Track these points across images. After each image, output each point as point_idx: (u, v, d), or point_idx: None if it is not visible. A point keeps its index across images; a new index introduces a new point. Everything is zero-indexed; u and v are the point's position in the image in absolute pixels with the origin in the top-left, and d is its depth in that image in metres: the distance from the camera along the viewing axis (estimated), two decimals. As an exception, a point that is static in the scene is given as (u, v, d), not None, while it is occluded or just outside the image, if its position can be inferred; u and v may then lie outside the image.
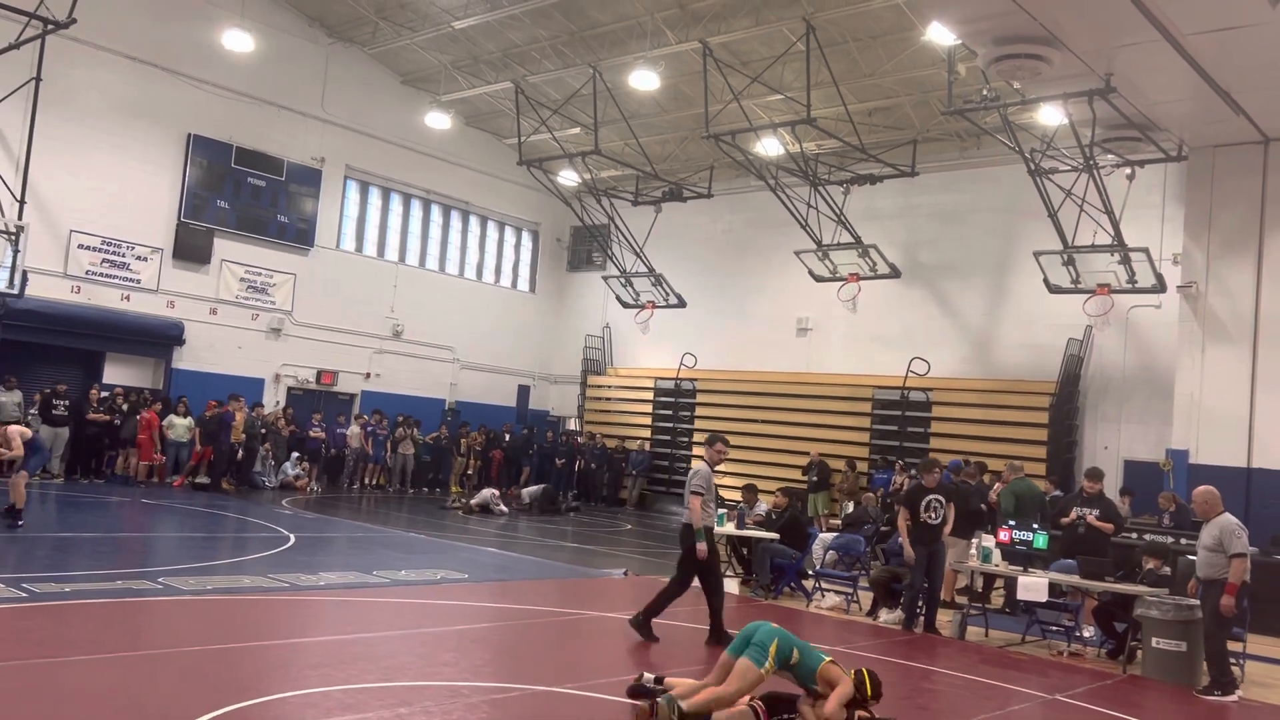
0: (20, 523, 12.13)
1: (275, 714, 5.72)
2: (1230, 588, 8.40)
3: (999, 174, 20.69)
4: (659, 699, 6.01)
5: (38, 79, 17.73)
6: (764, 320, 24.64)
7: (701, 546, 9.03)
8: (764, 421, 23.58)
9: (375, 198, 25.62)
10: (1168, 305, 17.86)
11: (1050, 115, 16.96)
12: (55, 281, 19.38)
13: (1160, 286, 17.33)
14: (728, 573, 12.50)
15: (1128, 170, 17.58)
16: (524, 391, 28.64)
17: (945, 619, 11.05)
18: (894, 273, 21.41)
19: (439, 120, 24.16)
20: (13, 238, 17.09)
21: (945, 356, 21.45)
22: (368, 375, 24.79)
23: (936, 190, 21.96)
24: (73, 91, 19.33)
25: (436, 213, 26.93)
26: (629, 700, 6.50)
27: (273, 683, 6.45)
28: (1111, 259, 17.23)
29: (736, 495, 14.77)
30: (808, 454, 21.35)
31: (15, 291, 17.57)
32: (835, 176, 21.53)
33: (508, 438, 25.67)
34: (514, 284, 28.98)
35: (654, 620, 9.00)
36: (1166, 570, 10.18)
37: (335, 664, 7.00)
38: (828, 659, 6.29)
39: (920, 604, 10.65)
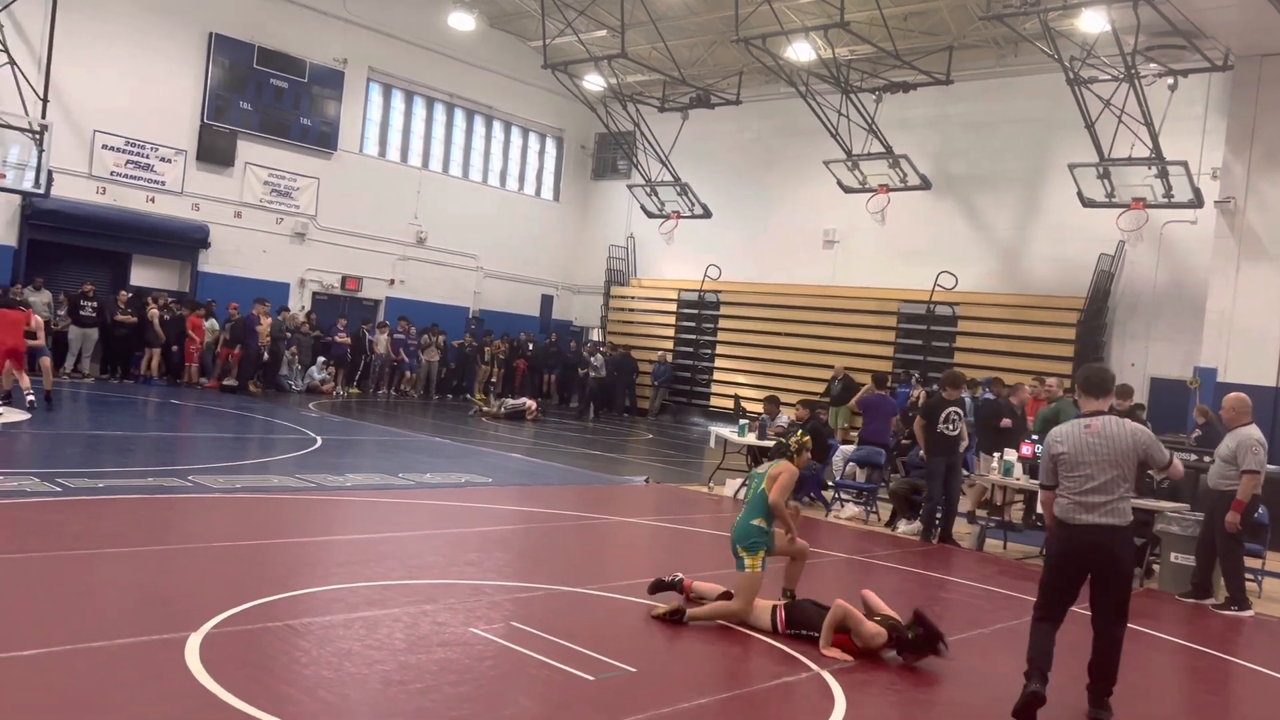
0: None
1: (304, 607, 5.86)
2: (1236, 504, 8.35)
3: (1036, 83, 20.12)
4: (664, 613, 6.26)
5: (57, -27, 17.45)
6: (790, 231, 24.36)
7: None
8: (788, 334, 23.50)
9: (398, 101, 25.28)
10: (1204, 221, 17.49)
11: (1092, 22, 16.40)
12: (80, 182, 19.37)
13: (1197, 201, 16.94)
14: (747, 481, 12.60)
15: (1170, 80, 17.06)
16: (547, 301, 28.63)
17: (964, 531, 11.13)
18: (924, 184, 21.04)
19: (462, 21, 23.67)
20: (37, 137, 17.02)
21: (973, 270, 21.19)
22: (392, 281, 24.82)
23: (971, 99, 21.39)
24: (92, -13, 19.03)
25: (460, 117, 26.58)
26: (650, 599, 6.62)
27: (300, 578, 6.59)
28: (1148, 172, 16.83)
29: (758, 407, 14.82)
30: (831, 367, 21.31)
31: (41, 191, 17.57)
32: (867, 84, 21.02)
33: (530, 347, 25.77)
34: (538, 192, 28.72)
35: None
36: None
37: (361, 562, 7.15)
38: (763, 479, 6.56)
39: (938, 516, 10.72)
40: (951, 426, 10.60)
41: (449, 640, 5.50)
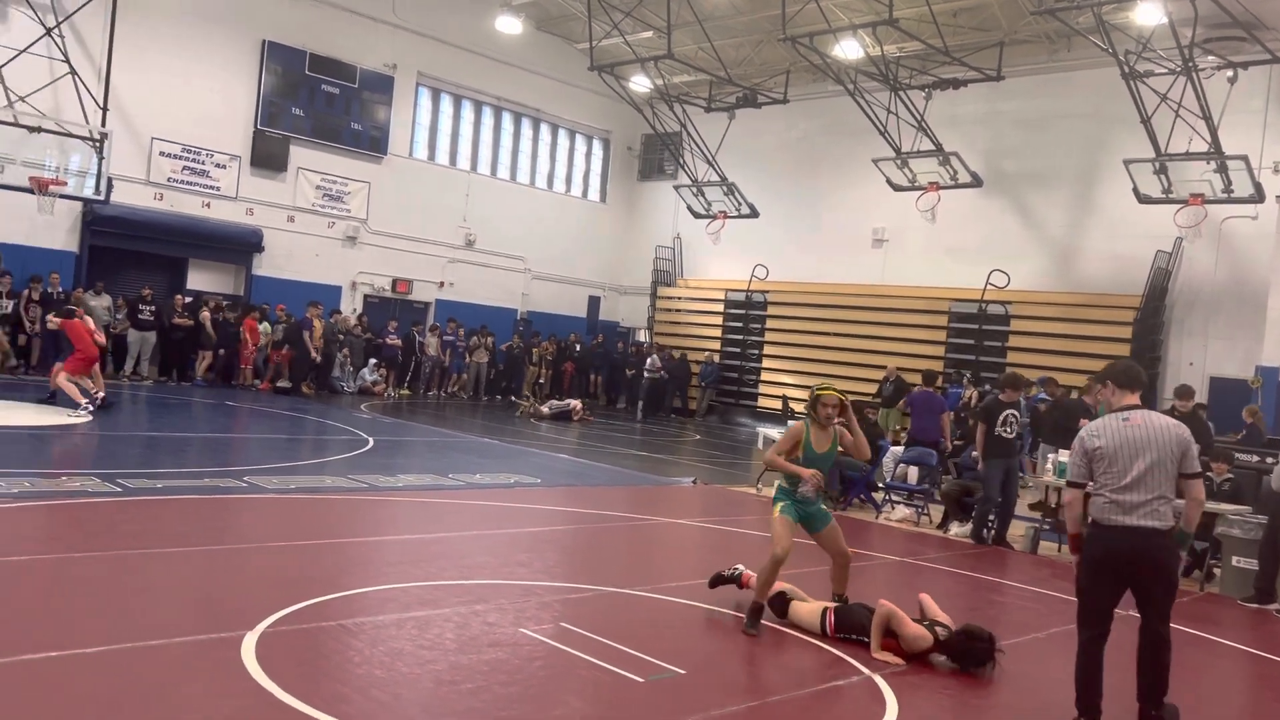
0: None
1: (357, 607, 5.93)
2: None
3: (1089, 78, 19.77)
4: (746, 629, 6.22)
5: (115, -16, 17.86)
6: (838, 231, 24.18)
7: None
8: (836, 335, 23.34)
9: (447, 105, 25.52)
10: (1265, 216, 17.08)
11: (1148, 14, 16.07)
12: (138, 189, 19.80)
13: (1258, 196, 16.54)
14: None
15: (1229, 73, 16.66)
16: (594, 302, 28.72)
17: (1017, 533, 10.97)
18: (975, 181, 20.77)
19: (510, 24, 23.82)
20: (97, 145, 17.43)
21: (1026, 269, 20.88)
22: (441, 284, 25.05)
23: (1023, 95, 21.07)
24: (150, -2, 19.44)
25: (507, 120, 26.76)
26: (710, 594, 6.61)
27: (353, 578, 6.68)
28: (1207, 167, 16.47)
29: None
30: (881, 368, 21.12)
31: (102, 198, 18.00)
32: (916, 81, 20.80)
33: (578, 348, 25.88)
34: (584, 193, 28.82)
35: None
36: (1229, 477, 9.98)
37: (413, 561, 7.22)
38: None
39: (992, 518, 10.59)
40: (1009, 429, 10.49)
41: (499, 640, 5.53)
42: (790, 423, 12.83)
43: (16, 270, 17.99)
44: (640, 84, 24.49)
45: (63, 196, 17.53)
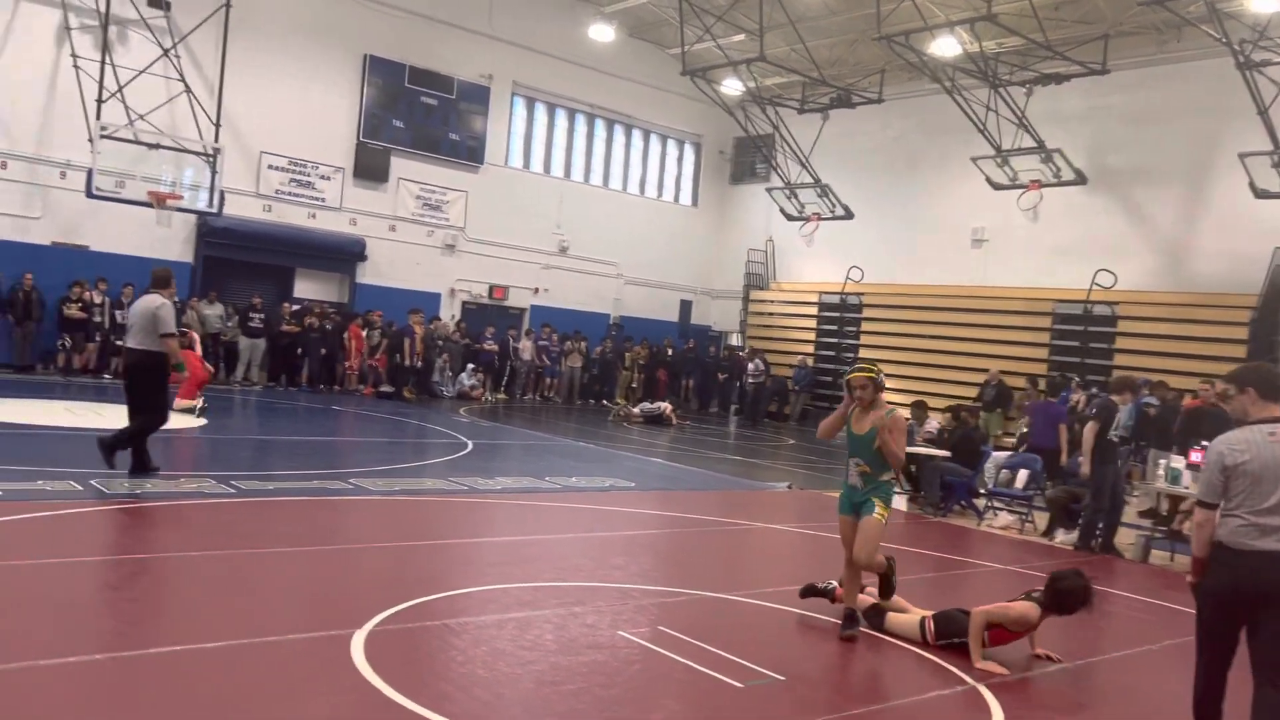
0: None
1: (459, 607, 6.07)
2: None
3: (1201, 69, 18.99)
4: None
5: (228, 4, 18.58)
6: (936, 231, 23.72)
7: None
8: (935, 337, 22.88)
9: (541, 113, 25.88)
10: (1396, 210, 16.16)
11: (1264, 1, 15.38)
12: (248, 201, 20.58)
13: (1388, 189, 15.69)
14: (895, 490, 12.35)
15: (1355, 59, 15.85)
16: (686, 306, 28.75)
17: (1126, 541, 10.61)
18: (1079, 179, 20.17)
19: (602, 32, 24.04)
20: (211, 159, 18.19)
21: (1133, 268, 20.14)
22: (536, 290, 25.40)
23: (1129, 89, 20.35)
24: (259, 16, 20.17)
25: (600, 127, 27.00)
26: (801, 603, 6.57)
27: (454, 578, 6.84)
28: (1331, 159, 15.69)
29: (905, 412, 14.47)
30: (984, 370, 20.65)
31: (215, 211, 18.77)
32: (1017, 77, 20.29)
33: (670, 352, 25.94)
34: (676, 198, 28.89)
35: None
36: None
37: (513, 563, 7.35)
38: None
39: (1099, 525, 10.26)
40: (1118, 433, 10.21)
41: (598, 643, 5.60)
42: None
43: (139, 280, 18.84)
44: (732, 87, 24.46)
45: (179, 210, 18.35)
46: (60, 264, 18.25)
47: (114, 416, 13.15)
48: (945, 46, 20.08)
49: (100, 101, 17.18)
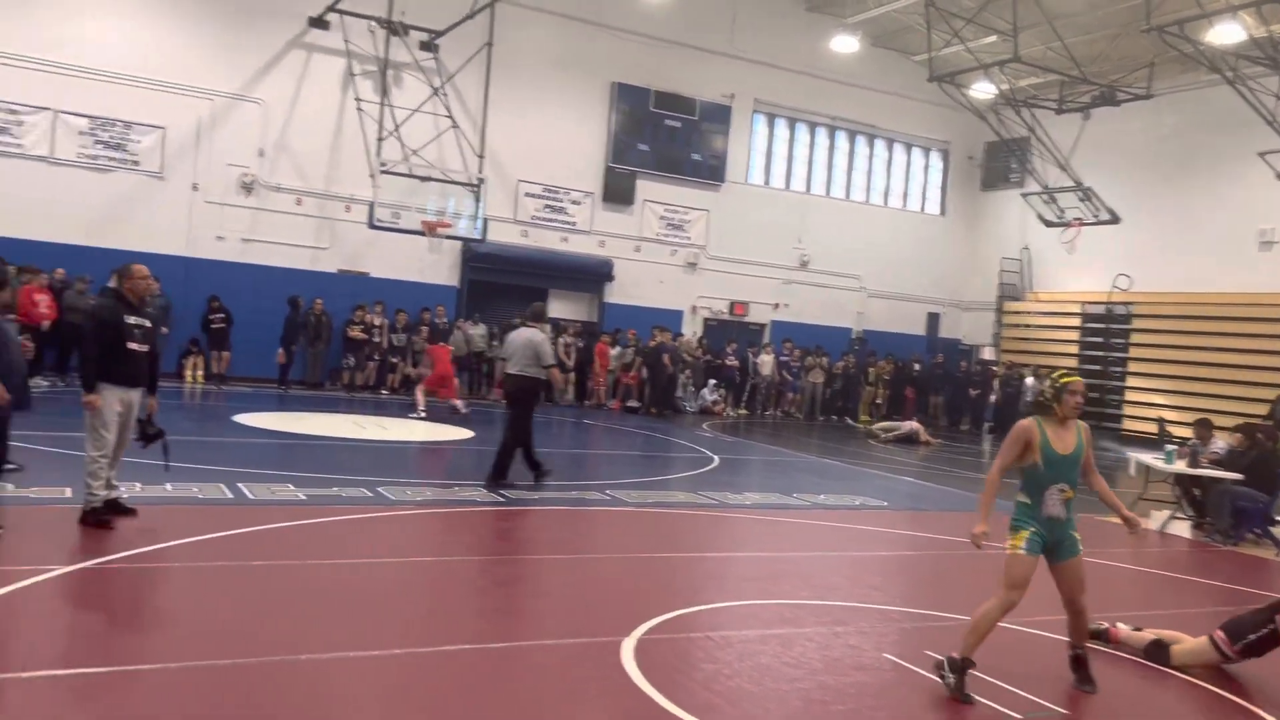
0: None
1: (721, 620, 6.16)
2: None
3: None
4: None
5: (490, 44, 19.85)
6: (1215, 234, 21.73)
7: None
8: (1217, 349, 20.95)
9: (781, 129, 25.88)
10: None
11: None
12: (507, 227, 21.84)
13: None
14: (1177, 514, 11.43)
15: None
16: (933, 319, 27.80)
17: None
18: (1393, 170, 17.90)
19: (845, 44, 23.72)
20: (475, 189, 19.48)
21: None
22: (776, 305, 25.37)
23: None
24: (516, 52, 21.40)
25: (842, 139, 26.66)
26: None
27: (712, 591, 6.95)
28: None
29: (1187, 431, 13.34)
30: (1275, 385, 18.70)
31: (479, 237, 20.08)
32: (1313, 60, 18.32)
33: (916, 367, 25.14)
34: (922, 207, 28.03)
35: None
36: None
37: (768, 578, 7.38)
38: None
39: None
40: None
41: (864, 664, 5.52)
42: (1169, 447, 11.73)
43: (411, 305, 20.42)
44: (982, 90, 23.50)
45: (449, 237, 19.75)
46: (344, 290, 20.07)
47: (399, 430, 14.33)
48: (1225, 33, 18.39)
49: (380, 140, 18.79)
